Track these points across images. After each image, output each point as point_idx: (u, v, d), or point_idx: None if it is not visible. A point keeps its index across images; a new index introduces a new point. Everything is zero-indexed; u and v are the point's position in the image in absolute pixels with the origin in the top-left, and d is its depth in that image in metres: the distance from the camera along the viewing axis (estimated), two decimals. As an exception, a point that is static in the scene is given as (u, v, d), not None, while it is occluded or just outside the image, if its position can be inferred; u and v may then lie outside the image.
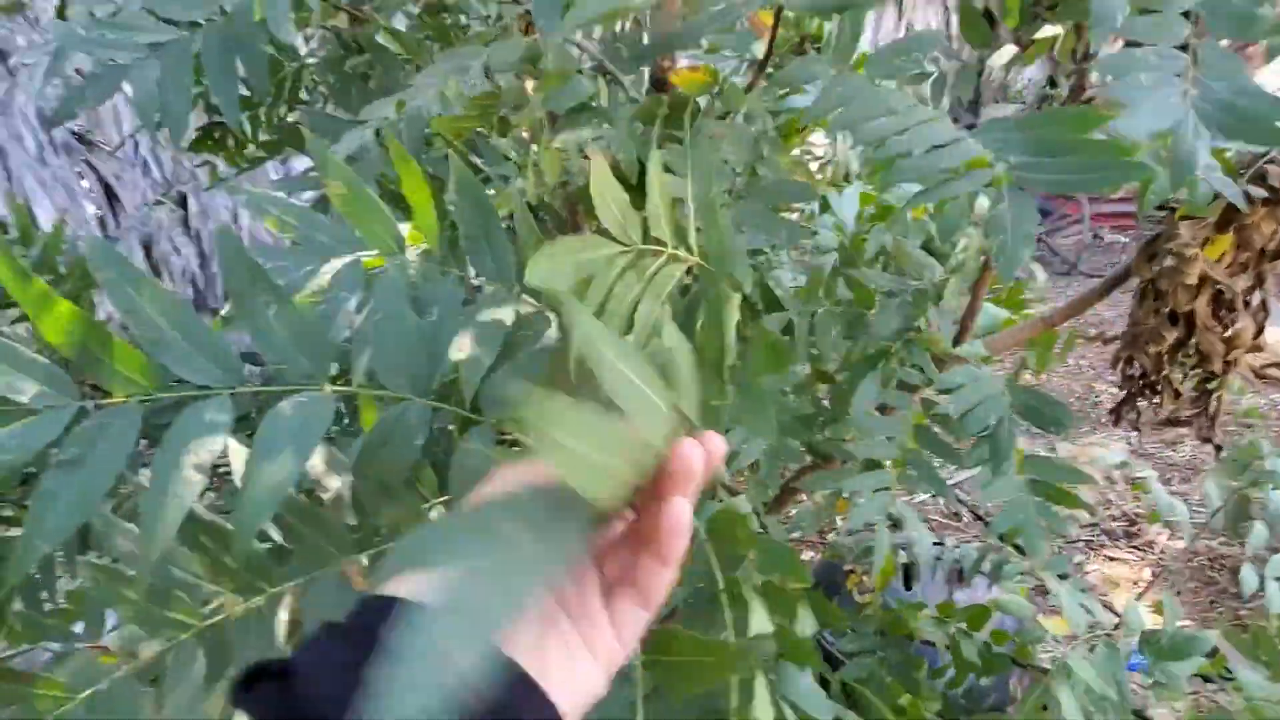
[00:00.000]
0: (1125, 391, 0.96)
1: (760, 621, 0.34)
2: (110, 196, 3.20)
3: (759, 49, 0.69)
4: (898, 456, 0.87)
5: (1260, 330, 0.86)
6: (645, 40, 0.78)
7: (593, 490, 0.23)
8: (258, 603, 0.37)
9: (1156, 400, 0.92)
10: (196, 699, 0.35)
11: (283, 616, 0.40)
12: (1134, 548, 2.20)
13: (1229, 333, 0.87)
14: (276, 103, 0.84)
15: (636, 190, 0.63)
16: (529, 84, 0.80)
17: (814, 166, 0.97)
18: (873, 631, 1.35)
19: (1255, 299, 0.85)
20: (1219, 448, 0.97)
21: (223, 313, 0.43)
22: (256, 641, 0.36)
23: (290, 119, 0.89)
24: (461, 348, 0.37)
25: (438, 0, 0.85)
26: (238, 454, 0.33)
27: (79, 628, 0.91)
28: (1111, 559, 2.16)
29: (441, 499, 0.43)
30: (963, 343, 0.89)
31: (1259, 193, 0.76)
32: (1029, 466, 0.74)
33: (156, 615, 0.35)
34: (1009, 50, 0.51)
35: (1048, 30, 0.72)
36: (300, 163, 3.61)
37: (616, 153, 0.60)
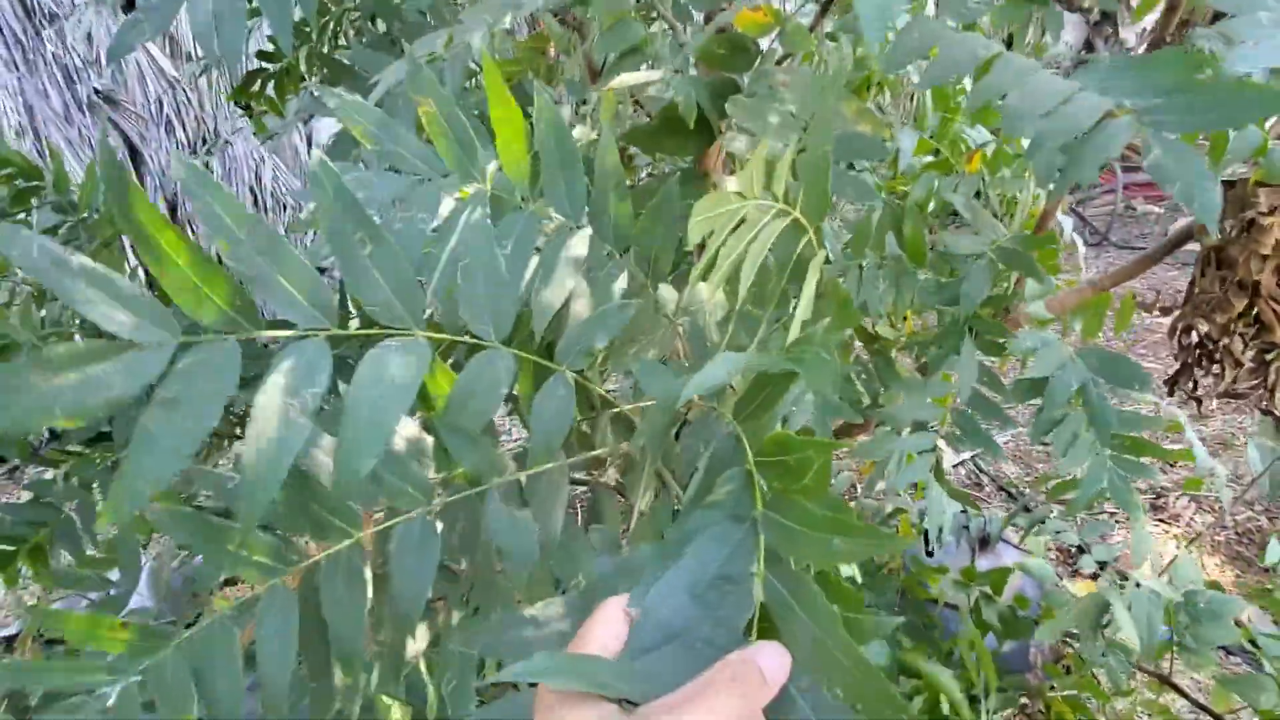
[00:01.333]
0: (1181, 362, 0.93)
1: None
2: (134, 155, 3.20)
3: None
4: (943, 417, 0.86)
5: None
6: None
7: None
8: (344, 546, 0.37)
9: (1216, 371, 0.89)
10: (287, 640, 0.35)
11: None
12: (1160, 520, 2.19)
13: (1291, 301, 0.84)
14: (320, 43, 0.82)
15: (695, 134, 0.61)
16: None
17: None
18: (893, 592, 1.36)
19: (1321, 269, 0.82)
20: (1279, 419, 0.95)
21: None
22: (345, 584, 0.36)
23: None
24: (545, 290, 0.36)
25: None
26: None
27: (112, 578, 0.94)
28: (1137, 532, 2.15)
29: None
30: (1018, 305, 0.87)
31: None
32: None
33: (249, 561, 0.35)
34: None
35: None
36: (323, 125, 3.57)
37: (675, 96, 0.58)
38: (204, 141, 3.25)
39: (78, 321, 0.98)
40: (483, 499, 0.38)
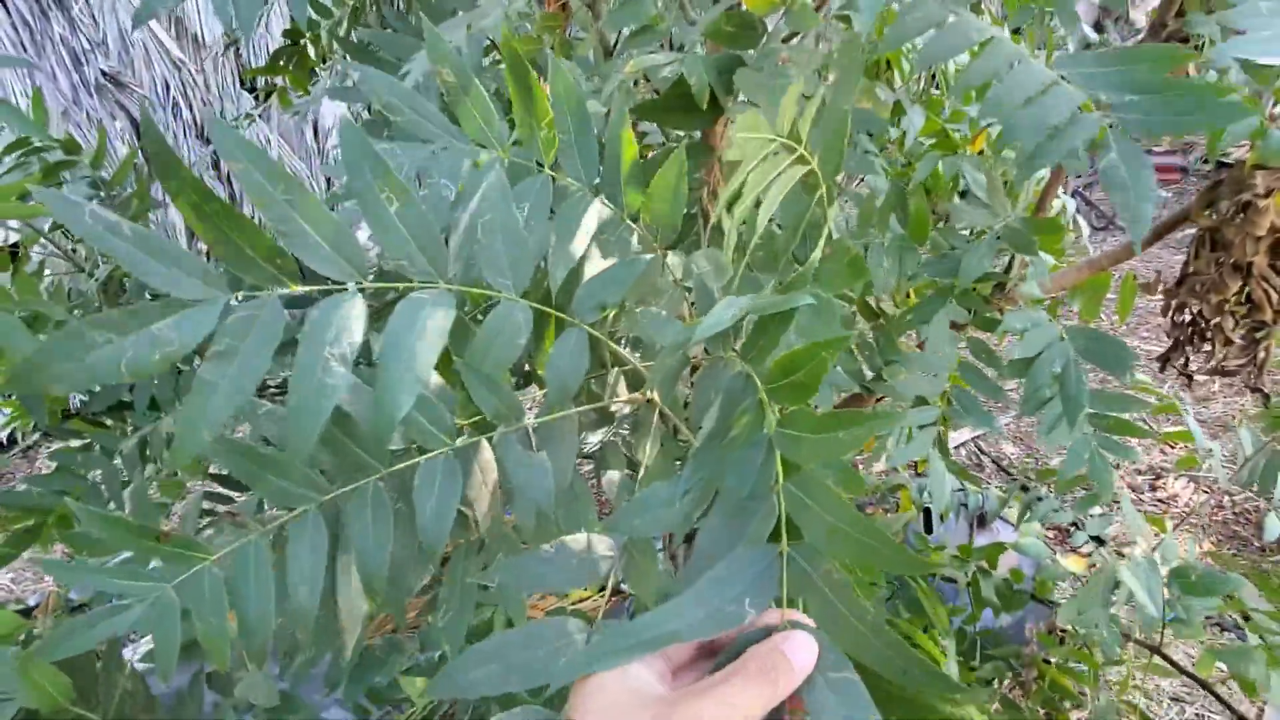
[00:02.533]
0: (1174, 340, 0.96)
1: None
2: (140, 137, 3.22)
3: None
4: (944, 392, 0.88)
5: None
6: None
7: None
8: (372, 480, 0.40)
9: (1207, 348, 0.92)
10: (317, 562, 0.38)
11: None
12: (1158, 501, 2.21)
13: (1282, 283, 0.87)
14: (344, 25, 0.84)
15: (707, 113, 0.63)
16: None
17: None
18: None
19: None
20: (1266, 396, 0.97)
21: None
22: (373, 516, 0.39)
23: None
24: (561, 247, 0.38)
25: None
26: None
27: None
28: (1136, 509, 2.18)
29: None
30: (1017, 283, 0.89)
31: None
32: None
33: (289, 493, 0.38)
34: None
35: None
36: (327, 109, 3.56)
37: (688, 76, 0.60)
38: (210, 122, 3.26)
39: (103, 294, 1.01)
40: (484, 445, 0.40)
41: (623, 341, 0.79)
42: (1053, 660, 1.30)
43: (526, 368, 0.66)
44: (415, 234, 0.35)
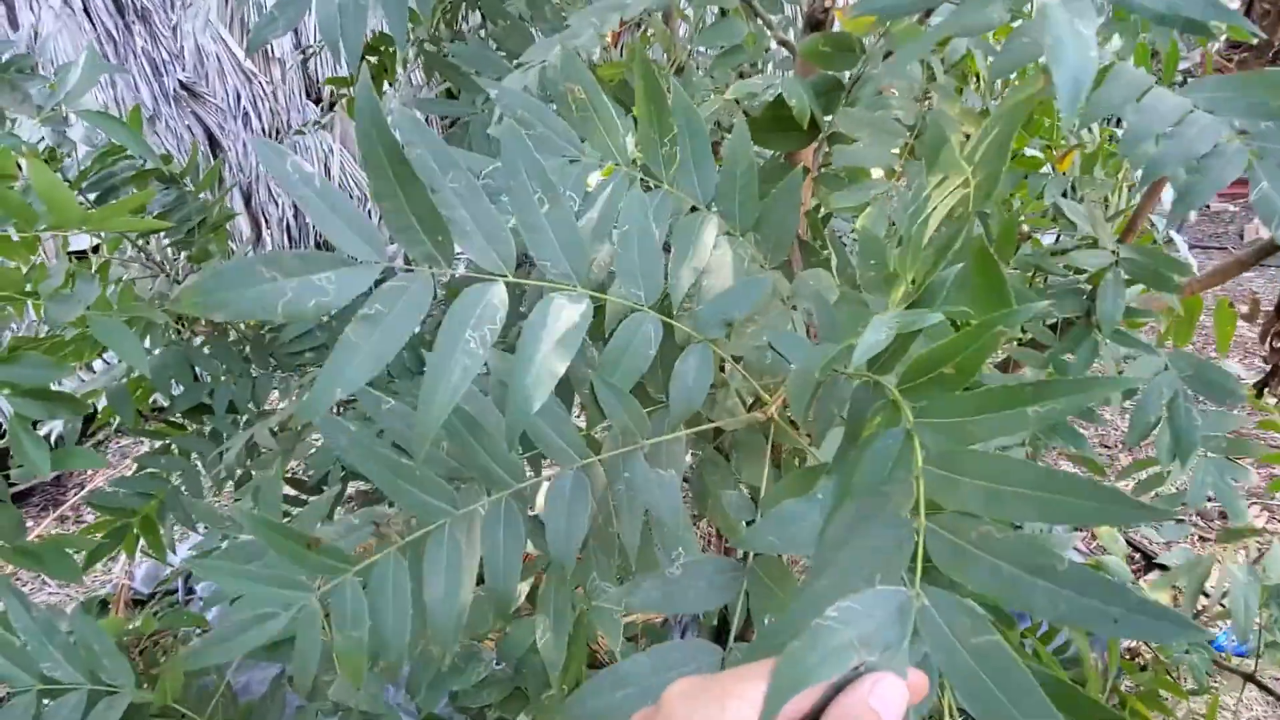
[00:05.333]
0: (1272, 365, 0.92)
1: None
2: (213, 145, 3.37)
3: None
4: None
5: None
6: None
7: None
8: (504, 495, 0.40)
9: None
10: (453, 577, 0.39)
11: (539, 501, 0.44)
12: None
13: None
14: (430, 35, 0.87)
15: (800, 130, 0.63)
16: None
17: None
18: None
19: None
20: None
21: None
22: (506, 530, 0.40)
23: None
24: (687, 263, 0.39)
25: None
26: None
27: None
28: (1205, 539, 2.08)
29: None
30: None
31: None
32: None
33: (423, 502, 0.39)
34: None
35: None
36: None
37: (788, 98, 0.60)
38: (277, 133, 3.39)
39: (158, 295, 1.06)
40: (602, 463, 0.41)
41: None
42: (1135, 688, 1.24)
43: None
44: (561, 237, 0.36)
